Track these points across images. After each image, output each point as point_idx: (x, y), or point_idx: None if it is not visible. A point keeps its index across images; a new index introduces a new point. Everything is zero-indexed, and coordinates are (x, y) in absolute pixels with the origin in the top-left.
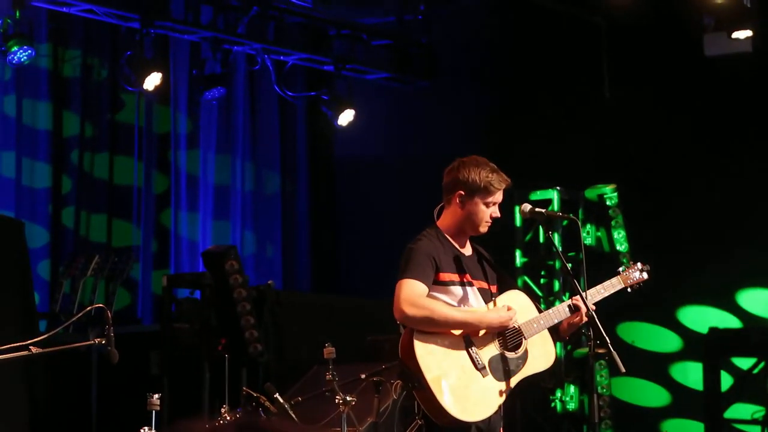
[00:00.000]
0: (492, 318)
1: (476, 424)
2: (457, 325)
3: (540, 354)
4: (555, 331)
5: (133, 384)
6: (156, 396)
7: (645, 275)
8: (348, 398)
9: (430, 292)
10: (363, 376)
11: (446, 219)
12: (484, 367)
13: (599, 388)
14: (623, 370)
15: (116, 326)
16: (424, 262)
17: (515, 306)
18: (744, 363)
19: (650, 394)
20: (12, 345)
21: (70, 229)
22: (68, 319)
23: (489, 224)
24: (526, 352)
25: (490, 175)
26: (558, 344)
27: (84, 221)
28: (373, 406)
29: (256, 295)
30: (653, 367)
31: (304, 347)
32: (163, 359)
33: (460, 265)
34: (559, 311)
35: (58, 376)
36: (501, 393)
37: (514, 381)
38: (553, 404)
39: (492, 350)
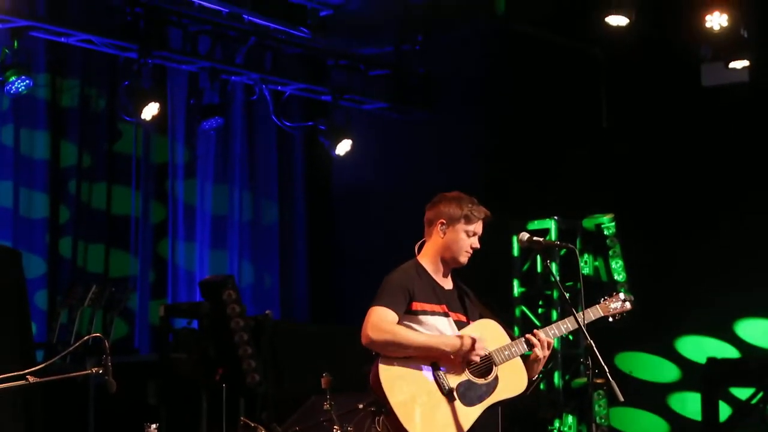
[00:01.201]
0: (456, 342)
1: None
2: (420, 348)
3: (511, 381)
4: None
5: (130, 414)
6: (153, 426)
7: (628, 305)
8: (346, 428)
9: (404, 322)
10: (361, 405)
11: (427, 250)
12: (452, 392)
13: (598, 418)
14: (621, 399)
15: (114, 356)
16: (394, 292)
17: (484, 333)
18: (742, 393)
19: (648, 425)
20: (9, 374)
21: (67, 258)
22: (65, 349)
23: (469, 255)
24: (496, 378)
25: (470, 205)
26: (557, 373)
27: (81, 251)
28: None
29: (254, 325)
30: (651, 397)
31: (302, 377)
32: (161, 389)
33: (436, 296)
34: (522, 343)
35: (55, 406)
36: (469, 419)
37: (482, 407)
38: None
39: (460, 376)
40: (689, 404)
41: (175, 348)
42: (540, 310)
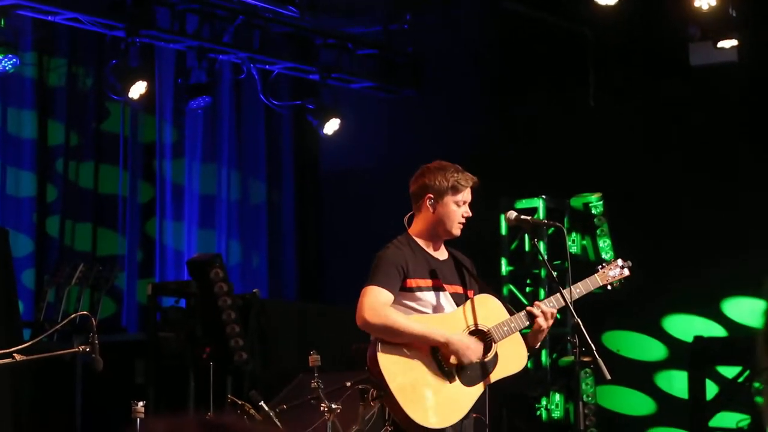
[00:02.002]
0: (452, 338)
1: (446, 430)
2: (415, 338)
3: (511, 357)
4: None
5: (118, 392)
6: (141, 404)
7: (626, 272)
8: (333, 406)
9: (399, 299)
10: (348, 383)
11: (418, 225)
12: (451, 373)
13: (585, 396)
14: (609, 377)
15: (101, 335)
16: (389, 270)
17: (484, 308)
18: (729, 371)
19: (635, 403)
20: None
21: (54, 238)
22: (53, 327)
23: (462, 225)
24: (496, 355)
25: (456, 174)
26: (544, 352)
27: (69, 230)
28: (358, 414)
29: (242, 304)
30: (638, 375)
31: (290, 355)
32: (148, 368)
33: (432, 270)
34: (522, 317)
35: (42, 385)
36: (470, 398)
37: (483, 385)
38: (538, 413)
39: None
40: (676, 382)
41: (162, 327)
42: (528, 289)
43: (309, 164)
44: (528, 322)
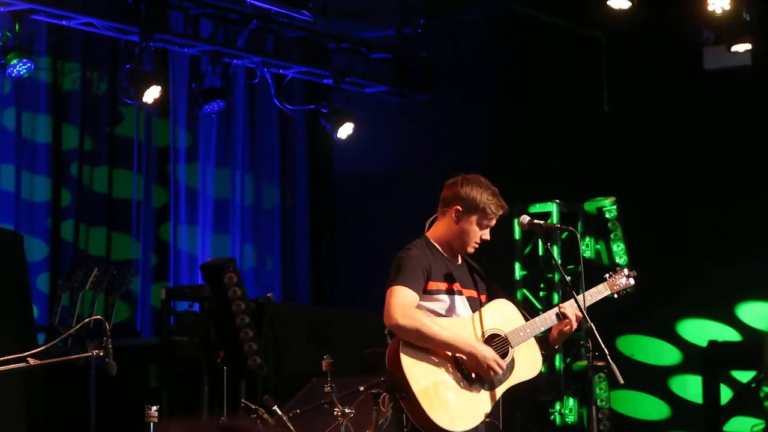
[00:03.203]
0: (479, 352)
1: None
2: (443, 345)
3: (527, 362)
4: (545, 341)
5: (131, 396)
6: (154, 408)
7: (632, 281)
8: (346, 410)
9: (420, 302)
10: (361, 388)
11: (438, 230)
12: (472, 377)
13: (598, 400)
14: (622, 381)
15: (115, 339)
16: (415, 271)
17: (500, 313)
18: (743, 376)
19: (649, 408)
20: (10, 357)
21: (69, 242)
22: (67, 331)
23: (476, 246)
24: (512, 360)
25: (490, 198)
26: (558, 356)
27: (83, 234)
28: (371, 419)
29: (255, 308)
30: (653, 380)
31: (303, 360)
32: (162, 372)
33: (449, 274)
34: (546, 319)
35: (56, 389)
36: (488, 402)
37: (501, 390)
38: (552, 417)
39: None
40: (690, 387)
41: (176, 331)
42: (541, 293)
43: (322, 168)
44: (557, 322)
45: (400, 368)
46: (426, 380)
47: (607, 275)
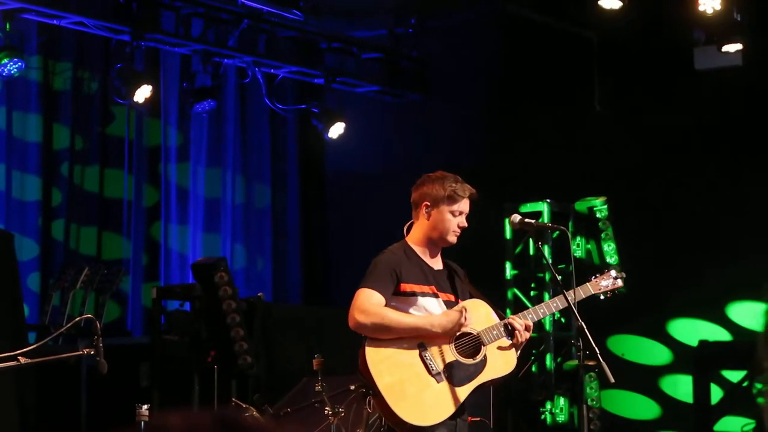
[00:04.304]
0: (442, 320)
1: (437, 428)
2: (408, 329)
3: (500, 360)
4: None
5: (122, 395)
6: (145, 407)
7: (619, 282)
8: (337, 409)
9: (393, 303)
10: (352, 387)
11: (415, 232)
12: (439, 373)
13: (589, 400)
14: (612, 380)
15: (106, 338)
16: (383, 274)
17: (474, 313)
18: (734, 376)
19: (640, 407)
20: (0, 355)
21: (59, 241)
22: (58, 330)
23: (457, 234)
24: (485, 358)
25: (454, 184)
26: (549, 356)
27: (74, 234)
28: (362, 417)
29: (246, 307)
30: (643, 379)
31: (294, 359)
32: (153, 371)
33: (426, 277)
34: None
35: (47, 388)
36: (457, 398)
37: (471, 386)
38: (543, 416)
39: (448, 356)
40: (681, 387)
41: (167, 330)
42: (532, 293)
43: (314, 168)
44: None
45: (366, 366)
46: (390, 376)
47: (593, 276)
